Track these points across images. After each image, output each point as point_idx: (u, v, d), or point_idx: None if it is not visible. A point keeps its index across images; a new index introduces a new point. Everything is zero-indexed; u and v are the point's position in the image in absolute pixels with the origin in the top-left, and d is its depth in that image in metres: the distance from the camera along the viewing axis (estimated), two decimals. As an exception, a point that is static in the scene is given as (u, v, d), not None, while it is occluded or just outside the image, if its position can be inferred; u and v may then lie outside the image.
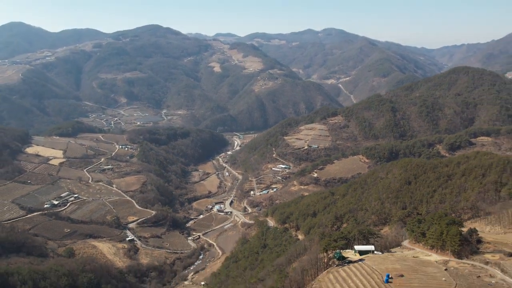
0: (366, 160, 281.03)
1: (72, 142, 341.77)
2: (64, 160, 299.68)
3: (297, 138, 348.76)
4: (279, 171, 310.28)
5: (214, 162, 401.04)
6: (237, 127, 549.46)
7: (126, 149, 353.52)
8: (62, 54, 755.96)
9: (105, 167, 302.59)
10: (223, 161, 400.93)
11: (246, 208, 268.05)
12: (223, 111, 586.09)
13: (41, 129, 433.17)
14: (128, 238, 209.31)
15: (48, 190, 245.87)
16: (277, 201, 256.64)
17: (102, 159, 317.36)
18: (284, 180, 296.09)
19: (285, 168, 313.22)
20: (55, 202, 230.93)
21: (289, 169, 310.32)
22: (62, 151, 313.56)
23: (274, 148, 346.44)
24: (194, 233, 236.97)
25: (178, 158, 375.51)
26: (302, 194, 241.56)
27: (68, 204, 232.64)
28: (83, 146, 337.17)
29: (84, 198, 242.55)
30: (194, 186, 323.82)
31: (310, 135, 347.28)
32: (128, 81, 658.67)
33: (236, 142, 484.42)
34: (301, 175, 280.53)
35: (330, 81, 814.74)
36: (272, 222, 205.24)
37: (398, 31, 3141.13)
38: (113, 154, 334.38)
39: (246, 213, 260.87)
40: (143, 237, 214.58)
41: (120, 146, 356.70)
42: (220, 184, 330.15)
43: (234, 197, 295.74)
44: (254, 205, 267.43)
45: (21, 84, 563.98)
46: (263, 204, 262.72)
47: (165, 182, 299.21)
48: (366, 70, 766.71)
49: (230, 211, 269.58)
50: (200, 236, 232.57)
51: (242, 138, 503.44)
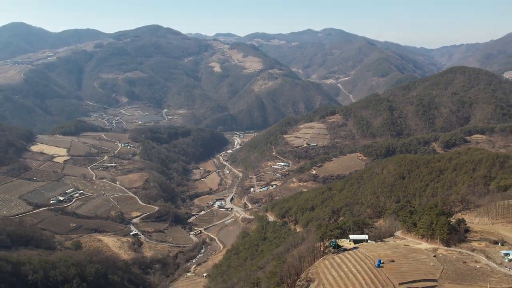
0: (364, 157, 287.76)
1: (75, 140, 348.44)
2: (68, 158, 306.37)
3: (296, 137, 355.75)
4: (279, 169, 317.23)
5: (215, 160, 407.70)
6: (237, 126, 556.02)
7: (128, 147, 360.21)
8: (63, 54, 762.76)
9: (108, 165, 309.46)
10: (224, 159, 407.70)
11: (246, 204, 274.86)
12: (223, 111, 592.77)
13: (43, 128, 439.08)
14: (132, 233, 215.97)
15: (53, 187, 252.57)
16: (276, 197, 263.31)
17: (105, 157, 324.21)
18: (283, 177, 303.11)
19: (284, 165, 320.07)
20: (61, 198, 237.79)
21: (288, 166, 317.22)
22: (66, 149, 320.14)
23: (273, 146, 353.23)
24: (196, 228, 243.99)
25: (179, 157, 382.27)
26: (301, 191, 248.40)
27: (73, 200, 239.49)
28: (86, 145, 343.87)
29: (88, 194, 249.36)
30: (195, 183, 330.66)
31: (309, 134, 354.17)
32: (129, 81, 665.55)
33: (236, 141, 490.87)
34: (300, 172, 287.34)
35: (330, 81, 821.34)
36: (271, 216, 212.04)
37: (398, 31, 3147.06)
38: (115, 152, 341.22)
39: (246, 209, 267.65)
40: (147, 231, 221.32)
41: (122, 145, 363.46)
42: (220, 181, 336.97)
43: (235, 194, 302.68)
44: (254, 201, 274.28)
45: (23, 84, 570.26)
46: (263, 200, 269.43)
47: (167, 179, 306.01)
48: (365, 70, 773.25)
49: (231, 207, 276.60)
50: (201, 231, 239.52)
51: (242, 137, 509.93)
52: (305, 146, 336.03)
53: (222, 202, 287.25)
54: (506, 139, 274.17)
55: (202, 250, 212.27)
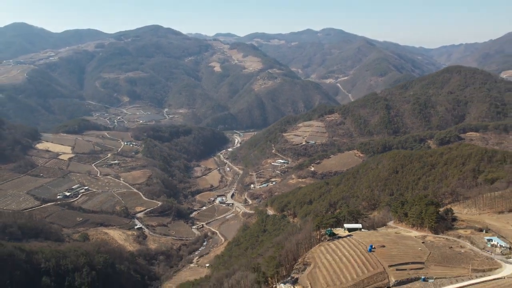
0: (361, 154, 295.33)
1: (79, 138, 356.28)
2: (72, 155, 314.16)
3: (295, 135, 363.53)
4: (278, 166, 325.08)
5: (215, 158, 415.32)
6: (237, 125, 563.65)
7: (131, 145, 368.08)
8: (65, 54, 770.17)
9: (112, 162, 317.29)
10: (224, 157, 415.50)
11: (247, 200, 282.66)
12: (224, 110, 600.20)
13: (46, 127, 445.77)
14: (136, 226, 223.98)
15: (59, 183, 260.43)
16: (276, 193, 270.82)
17: (109, 155, 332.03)
18: (282, 174, 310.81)
19: (283, 163, 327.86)
20: (67, 194, 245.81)
21: (287, 163, 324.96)
22: (70, 147, 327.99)
23: (273, 144, 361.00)
24: (198, 222, 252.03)
25: (181, 155, 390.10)
26: (300, 186, 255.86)
27: (79, 195, 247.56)
28: (90, 143, 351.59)
29: (94, 190, 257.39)
30: (197, 180, 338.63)
31: (308, 132, 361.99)
32: (130, 80, 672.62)
33: (236, 139, 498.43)
34: (299, 169, 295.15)
35: (329, 80, 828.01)
36: (271, 211, 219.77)
37: (398, 31, 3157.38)
38: (119, 150, 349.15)
39: (246, 204, 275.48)
40: (151, 225, 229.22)
41: (125, 143, 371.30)
42: (221, 178, 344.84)
43: (235, 190, 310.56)
44: (254, 197, 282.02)
45: (26, 83, 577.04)
46: (263, 196, 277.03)
47: (169, 176, 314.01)
48: (364, 70, 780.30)
49: (232, 203, 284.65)
50: (203, 225, 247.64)
51: (242, 136, 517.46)
52: (304, 144, 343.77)
53: (223, 198, 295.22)
54: (499, 137, 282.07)
55: (204, 243, 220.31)
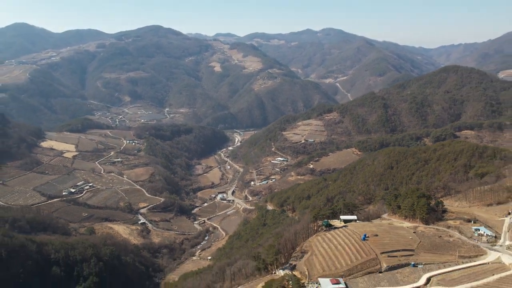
0: (359, 152, 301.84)
1: (82, 137, 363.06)
2: (76, 153, 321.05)
3: (294, 133, 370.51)
4: (278, 164, 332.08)
5: (216, 156, 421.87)
6: (237, 125, 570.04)
7: (133, 143, 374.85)
8: (66, 54, 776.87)
9: (115, 160, 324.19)
10: (225, 155, 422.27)
11: (247, 196, 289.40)
12: (224, 109, 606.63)
13: (49, 126, 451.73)
14: (140, 221, 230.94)
15: (64, 180, 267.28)
16: (275, 190, 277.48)
17: (112, 153, 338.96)
18: (282, 171, 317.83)
19: (283, 160, 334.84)
20: (72, 190, 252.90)
21: (287, 161, 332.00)
22: (74, 145, 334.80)
23: (273, 142, 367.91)
24: (200, 218, 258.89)
25: (182, 153, 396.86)
26: (299, 183, 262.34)
27: (84, 192, 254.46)
28: (93, 141, 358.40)
29: (98, 187, 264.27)
30: (198, 178, 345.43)
31: (307, 130, 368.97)
32: (131, 80, 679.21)
33: (236, 138, 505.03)
34: (298, 167, 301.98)
35: (328, 80, 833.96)
36: (271, 206, 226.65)
37: (398, 31, 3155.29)
38: (121, 148, 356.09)
39: (247, 200, 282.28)
40: (154, 220, 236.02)
41: (127, 141, 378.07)
42: (222, 176, 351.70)
43: (236, 187, 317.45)
44: (254, 194, 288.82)
45: (28, 83, 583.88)
46: (263, 193, 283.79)
47: (171, 173, 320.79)
48: (363, 70, 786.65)
49: (232, 199, 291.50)
50: (205, 220, 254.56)
51: (242, 135, 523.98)
52: (303, 142, 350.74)
53: (224, 195, 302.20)
54: (493, 135, 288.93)
55: (206, 237, 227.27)
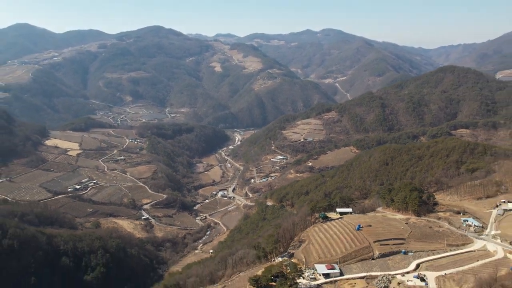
0: (357, 150, 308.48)
1: (86, 136, 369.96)
2: (80, 151, 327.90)
3: (294, 132, 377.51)
4: (277, 162, 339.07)
5: (217, 155, 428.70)
6: (237, 124, 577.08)
7: (135, 142, 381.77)
8: (68, 54, 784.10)
9: (118, 158, 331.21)
10: (225, 154, 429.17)
11: (247, 193, 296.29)
12: (224, 109, 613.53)
13: (52, 125, 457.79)
14: (143, 217, 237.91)
15: (69, 177, 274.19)
16: (275, 187, 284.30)
17: (115, 151, 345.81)
18: (281, 169, 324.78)
19: (282, 158, 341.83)
20: (77, 187, 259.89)
21: (286, 159, 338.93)
22: (78, 144, 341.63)
23: (272, 141, 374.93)
24: (201, 214, 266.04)
25: (184, 151, 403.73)
26: (298, 180, 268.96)
27: (88, 188, 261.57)
28: (96, 140, 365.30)
29: (102, 184, 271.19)
30: (199, 176, 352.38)
31: (306, 129, 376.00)
32: (133, 80, 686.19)
33: (237, 137, 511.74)
34: (297, 164, 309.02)
35: (328, 80, 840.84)
36: (270, 202, 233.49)
37: (398, 31, 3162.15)
38: (124, 146, 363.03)
39: (247, 197, 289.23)
40: (157, 216, 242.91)
41: (130, 140, 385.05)
42: (223, 174, 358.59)
43: (236, 184, 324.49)
44: (254, 191, 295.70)
45: (31, 83, 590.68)
46: (263, 190, 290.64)
47: (173, 171, 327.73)
48: (362, 70, 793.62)
49: (233, 196, 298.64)
50: (206, 216, 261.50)
51: (243, 134, 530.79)
52: (302, 140, 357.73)
53: (225, 192, 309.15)
54: (488, 133, 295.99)
55: (208, 232, 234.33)
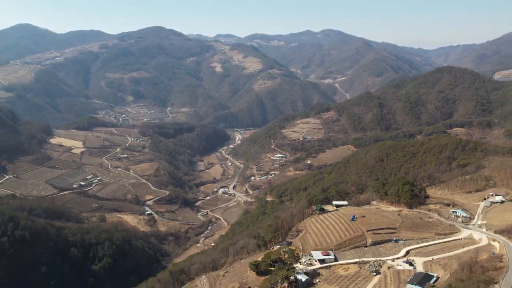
0: (354, 149, 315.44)
1: (89, 134, 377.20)
2: (84, 149, 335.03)
3: (293, 131, 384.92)
4: (277, 160, 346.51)
5: (218, 154, 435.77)
6: (238, 124, 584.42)
7: (137, 141, 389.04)
8: (70, 54, 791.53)
9: (121, 156, 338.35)
10: (226, 153, 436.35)
11: (248, 190, 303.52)
12: (225, 109, 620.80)
13: (55, 125, 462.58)
14: (147, 212, 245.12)
15: (74, 174, 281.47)
16: (275, 184, 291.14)
17: (118, 149, 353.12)
18: (281, 167, 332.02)
19: (282, 157, 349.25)
20: (82, 183, 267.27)
21: (285, 158, 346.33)
22: (81, 142, 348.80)
23: (272, 140, 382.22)
24: (203, 210, 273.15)
25: (185, 150, 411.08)
26: (297, 177, 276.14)
27: (93, 185, 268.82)
28: (100, 138, 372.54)
29: (106, 180, 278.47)
30: (200, 173, 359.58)
31: (305, 128, 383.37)
32: (134, 80, 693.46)
33: (237, 137, 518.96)
34: (296, 162, 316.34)
35: (327, 80, 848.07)
36: (270, 198, 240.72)
37: (398, 32, 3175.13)
38: (127, 145, 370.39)
39: (247, 194, 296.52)
40: (160, 211, 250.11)
41: (132, 139, 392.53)
42: (223, 172, 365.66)
43: (237, 182, 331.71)
44: (254, 188, 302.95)
45: (34, 83, 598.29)
46: (263, 187, 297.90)
47: (175, 169, 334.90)
48: (361, 70, 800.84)
49: (234, 193, 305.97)
50: (208, 212, 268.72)
51: (243, 133, 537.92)
52: (301, 139, 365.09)
53: (226, 189, 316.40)
54: (482, 132, 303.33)
55: (209, 227, 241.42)
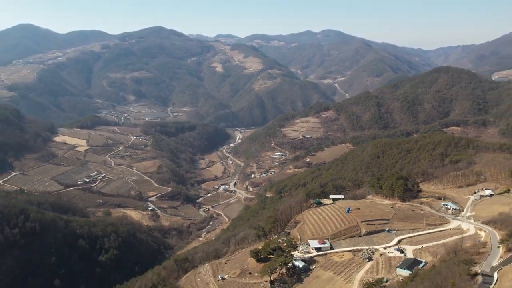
0: (352, 147, 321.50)
1: (92, 133, 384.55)
2: (88, 147, 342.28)
3: (293, 130, 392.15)
4: (277, 158, 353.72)
5: (218, 152, 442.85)
6: (238, 123, 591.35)
7: (140, 139, 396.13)
8: (72, 54, 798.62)
9: (124, 154, 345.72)
10: (227, 151, 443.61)
11: (248, 187, 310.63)
12: (225, 108, 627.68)
13: (58, 123, 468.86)
14: (150, 208, 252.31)
15: (79, 171, 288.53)
16: (274, 181, 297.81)
17: (121, 147, 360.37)
18: (281, 165, 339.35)
19: (282, 155, 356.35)
20: (87, 180, 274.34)
21: (285, 156, 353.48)
22: (85, 140, 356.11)
23: (272, 138, 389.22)
24: (204, 206, 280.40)
25: (186, 148, 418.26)
26: (296, 175, 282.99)
27: (97, 181, 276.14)
28: (103, 137, 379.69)
29: (110, 177, 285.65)
30: (202, 171, 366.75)
31: (305, 127, 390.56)
32: (135, 80, 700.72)
33: (237, 136, 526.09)
34: (295, 160, 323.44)
35: (327, 80, 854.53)
36: (270, 194, 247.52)
37: (398, 32, 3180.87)
38: (129, 143, 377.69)
39: (248, 191, 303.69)
40: (162, 207, 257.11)
41: (134, 137, 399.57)
42: (224, 170, 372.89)
43: (237, 179, 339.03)
44: (255, 185, 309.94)
45: (37, 82, 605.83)
46: (263, 184, 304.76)
47: (177, 167, 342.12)
48: (360, 70, 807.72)
49: (234, 190, 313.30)
50: (209, 208, 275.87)
51: (243, 132, 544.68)
52: (300, 138, 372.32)
53: (226, 186, 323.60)
54: (478, 130, 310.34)
55: (211, 222, 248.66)
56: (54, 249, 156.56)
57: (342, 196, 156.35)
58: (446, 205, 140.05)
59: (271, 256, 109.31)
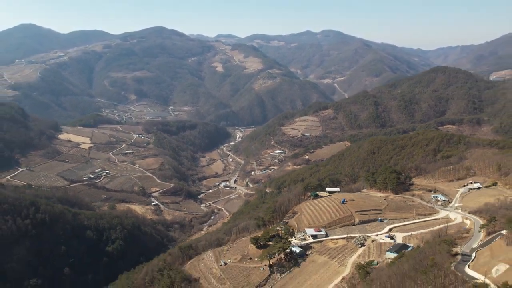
0: (350, 145, 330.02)
1: (95, 131, 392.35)
2: (91, 145, 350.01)
3: (292, 128, 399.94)
4: (276, 155, 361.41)
5: (219, 151, 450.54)
6: (238, 122, 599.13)
7: (142, 137, 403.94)
8: (74, 54, 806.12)
9: (127, 151, 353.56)
10: (227, 150, 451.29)
11: (248, 184, 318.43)
12: (226, 108, 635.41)
13: (61, 122, 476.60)
14: (153, 203, 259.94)
15: (83, 167, 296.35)
16: (274, 178, 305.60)
17: (123, 145, 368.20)
18: (280, 162, 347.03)
19: (281, 153, 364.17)
20: (91, 176, 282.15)
21: (284, 153, 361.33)
22: (89, 138, 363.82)
23: (272, 137, 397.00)
24: (206, 201, 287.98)
25: (188, 146, 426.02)
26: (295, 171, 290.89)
27: (101, 177, 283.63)
28: (106, 135, 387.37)
29: (114, 174, 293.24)
30: (203, 169, 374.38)
31: (304, 126, 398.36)
32: (137, 79, 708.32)
33: (238, 135, 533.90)
34: (294, 158, 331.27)
35: (326, 80, 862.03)
36: (269, 189, 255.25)
37: (398, 32, 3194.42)
38: (132, 141, 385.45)
39: (248, 187, 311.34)
40: (165, 202, 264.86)
41: (137, 135, 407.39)
42: (225, 167, 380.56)
43: (238, 176, 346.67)
44: (255, 181, 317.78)
45: (39, 82, 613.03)
46: (263, 180, 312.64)
47: (178, 164, 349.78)
48: (360, 70, 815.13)
49: (235, 187, 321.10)
50: (210, 203, 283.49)
51: (243, 131, 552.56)
52: (300, 136, 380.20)
53: (227, 183, 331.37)
54: (472, 129, 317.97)
55: (212, 217, 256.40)
56: (63, 239, 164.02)
57: (338, 189, 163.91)
58: (436, 197, 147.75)
59: (270, 242, 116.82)
